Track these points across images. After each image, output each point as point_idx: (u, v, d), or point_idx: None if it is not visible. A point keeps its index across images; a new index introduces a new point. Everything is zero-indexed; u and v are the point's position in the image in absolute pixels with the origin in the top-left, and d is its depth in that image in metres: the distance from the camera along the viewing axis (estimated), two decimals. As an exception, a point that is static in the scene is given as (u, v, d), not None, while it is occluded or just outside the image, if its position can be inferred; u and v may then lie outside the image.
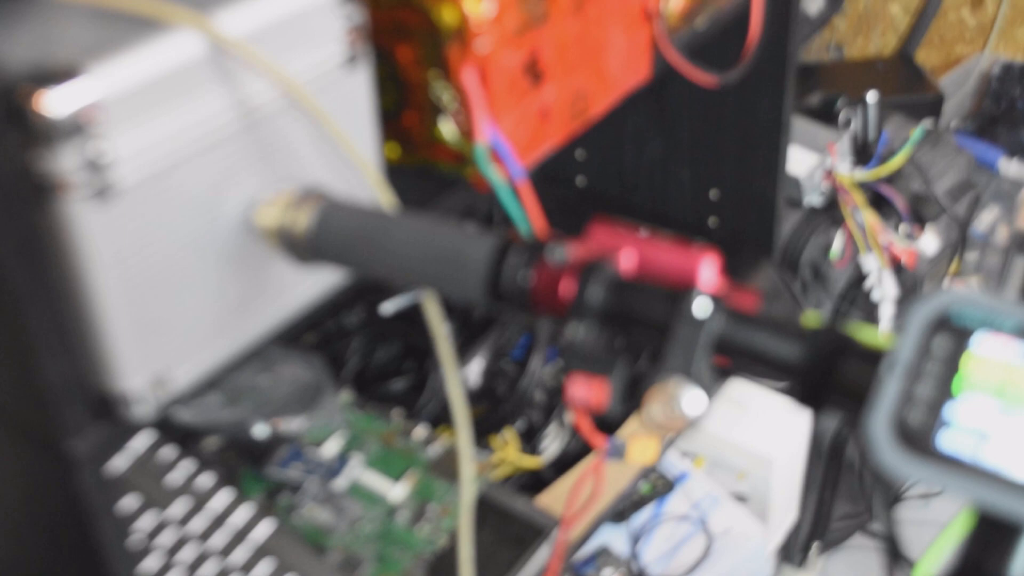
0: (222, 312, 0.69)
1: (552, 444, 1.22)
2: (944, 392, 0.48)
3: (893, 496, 2.01)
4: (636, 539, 1.38)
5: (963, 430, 0.48)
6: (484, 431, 1.16)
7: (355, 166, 0.71)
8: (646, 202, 1.51)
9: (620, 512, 1.40)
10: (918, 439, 0.48)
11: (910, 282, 1.61)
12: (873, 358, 0.52)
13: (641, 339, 0.57)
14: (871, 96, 1.66)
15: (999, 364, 0.48)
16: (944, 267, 1.78)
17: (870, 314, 1.60)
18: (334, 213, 0.65)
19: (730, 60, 1.22)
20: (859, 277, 1.58)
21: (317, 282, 0.76)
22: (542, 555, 1.03)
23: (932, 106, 2.04)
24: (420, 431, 1.07)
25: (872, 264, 1.54)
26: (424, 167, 0.89)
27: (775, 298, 1.45)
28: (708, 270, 0.61)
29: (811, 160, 1.55)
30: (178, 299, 0.66)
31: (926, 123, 1.69)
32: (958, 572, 0.51)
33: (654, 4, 1.02)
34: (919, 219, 1.60)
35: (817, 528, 1.82)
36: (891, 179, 1.61)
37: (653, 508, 1.42)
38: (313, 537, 0.99)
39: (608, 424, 1.25)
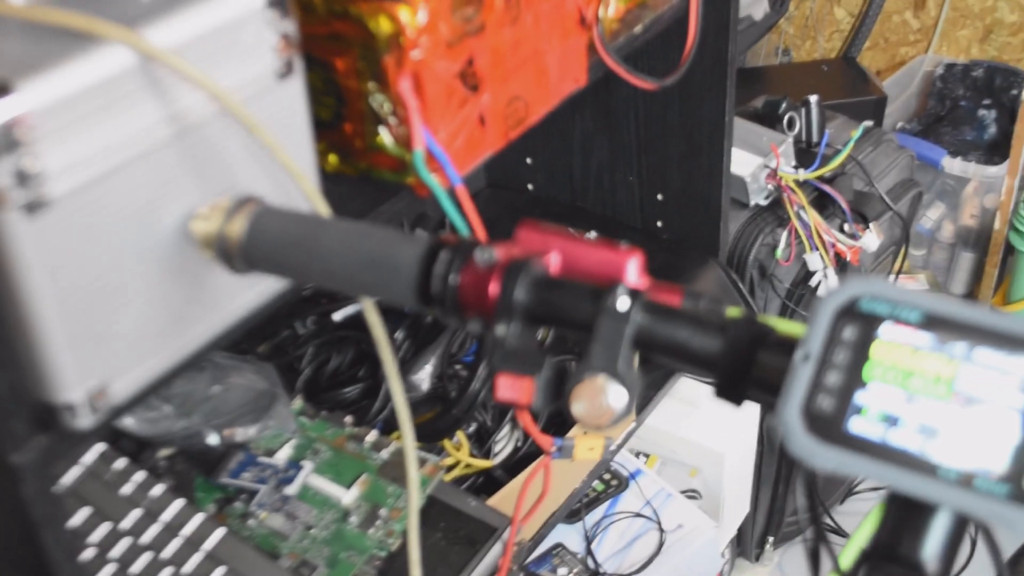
0: (162, 322, 0.69)
1: (504, 446, 1.22)
2: (854, 379, 0.49)
3: (847, 489, 2.03)
4: (590, 537, 1.39)
5: (872, 415, 0.49)
6: (436, 434, 1.17)
7: (290, 175, 0.71)
8: (595, 206, 1.52)
9: (574, 511, 1.41)
10: (830, 426, 0.49)
11: (856, 279, 1.63)
12: (788, 349, 0.53)
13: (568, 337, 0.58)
14: (813, 98, 1.68)
15: (905, 351, 0.49)
16: (889, 263, 1.80)
17: (817, 311, 1.61)
18: (266, 220, 0.65)
19: (671, 65, 1.23)
20: (805, 275, 1.59)
21: (257, 291, 0.76)
22: (494, 554, 1.03)
23: (875, 107, 2.06)
24: (371, 436, 1.07)
25: (817, 262, 1.56)
26: (366, 175, 0.90)
27: (723, 298, 1.46)
28: (632, 268, 0.62)
29: (756, 161, 1.56)
30: (117, 310, 0.66)
31: (867, 123, 1.71)
32: (874, 554, 0.52)
33: (590, 12, 1.03)
34: (862, 217, 1.62)
35: (771, 523, 1.84)
36: (834, 178, 1.63)
37: (607, 506, 1.43)
38: (266, 543, 0.99)
39: (561, 424, 1.25)
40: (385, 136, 0.86)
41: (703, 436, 1.49)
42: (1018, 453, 0.46)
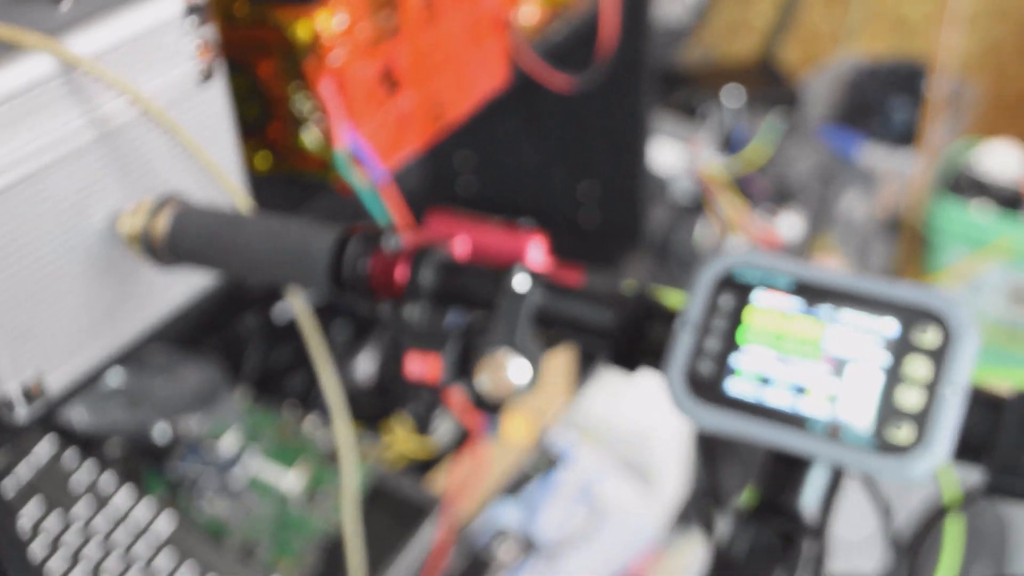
0: (94, 317, 0.69)
1: (444, 428, 1.23)
2: (730, 344, 0.51)
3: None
4: (529, 515, 1.40)
5: (747, 376, 0.50)
6: (376, 418, 1.17)
7: (211, 174, 0.71)
8: (524, 202, 1.53)
9: (512, 489, 1.42)
10: (709, 387, 0.50)
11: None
12: (673, 319, 0.54)
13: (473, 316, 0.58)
14: (731, 93, 1.70)
15: (776, 315, 0.50)
16: (807, 248, 1.83)
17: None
18: (188, 216, 0.65)
19: (590, 65, 1.24)
20: (726, 260, 1.61)
21: (189, 284, 0.76)
22: (429, 532, 1.04)
23: (791, 101, 2.09)
24: (312, 422, 1.08)
25: (737, 248, 1.58)
26: (293, 175, 0.90)
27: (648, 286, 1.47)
28: (535, 250, 0.63)
29: (677, 155, 1.58)
30: (48, 306, 0.66)
31: (782, 116, 1.74)
32: (756, 509, 0.53)
33: (509, 15, 1.04)
34: (779, 204, 1.64)
35: (711, 495, 1.85)
36: (752, 168, 1.65)
37: (543, 484, 1.44)
38: (213, 528, 0.99)
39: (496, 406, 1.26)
40: (308, 137, 0.86)
41: (637, 412, 1.50)
42: (880, 407, 0.47)
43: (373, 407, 1.16)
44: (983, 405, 0.48)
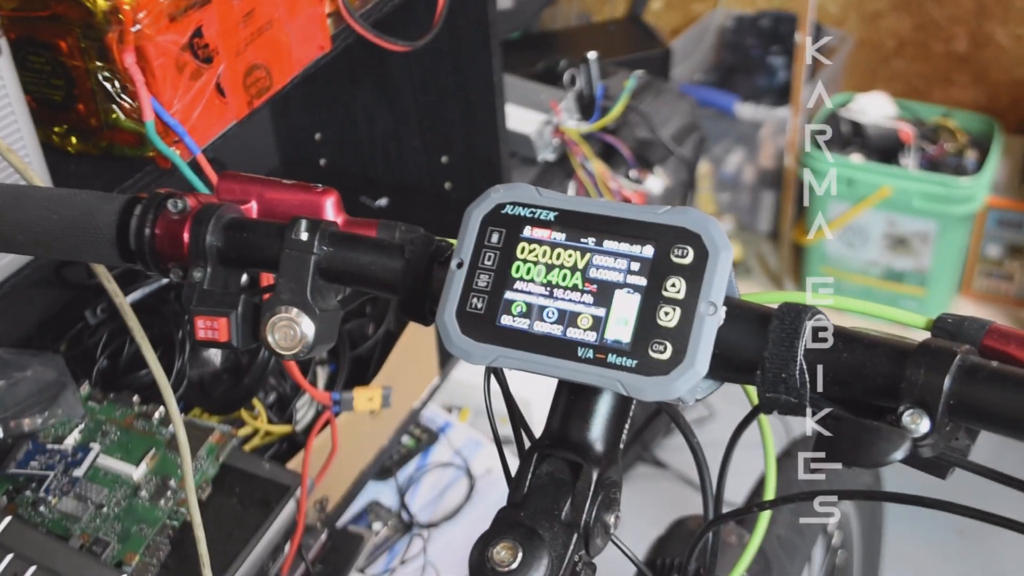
0: None
1: (306, 412, 1.23)
2: (502, 279, 0.52)
3: (668, 424, 2.09)
4: (403, 491, 1.42)
5: (520, 309, 0.52)
6: (232, 405, 1.18)
7: None
8: (385, 174, 1.54)
9: (387, 468, 1.43)
10: (483, 323, 0.52)
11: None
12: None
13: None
14: (592, 55, 1.73)
15: (545, 248, 0.52)
16: (677, 203, 1.86)
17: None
18: (-32, 195, 0.65)
19: (441, 28, 1.24)
20: (597, 223, 1.64)
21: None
22: (289, 512, 1.05)
23: (661, 61, 2.13)
24: (158, 413, 1.08)
25: (606, 209, 1.61)
26: (108, 152, 0.90)
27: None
28: (329, 206, 0.64)
29: (539, 119, 1.60)
30: None
31: (638, 73, 1.77)
32: (545, 441, 0.55)
33: (332, -21, 1.05)
34: (646, 163, 1.68)
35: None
36: (617, 129, 1.68)
37: (418, 460, 1.45)
38: (58, 527, 0.98)
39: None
40: (119, 112, 0.86)
41: (511, 384, 1.52)
42: (642, 328, 0.50)
43: (232, 391, 1.16)
44: (752, 323, 0.51)
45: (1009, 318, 2.22)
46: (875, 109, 2.26)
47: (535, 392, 1.55)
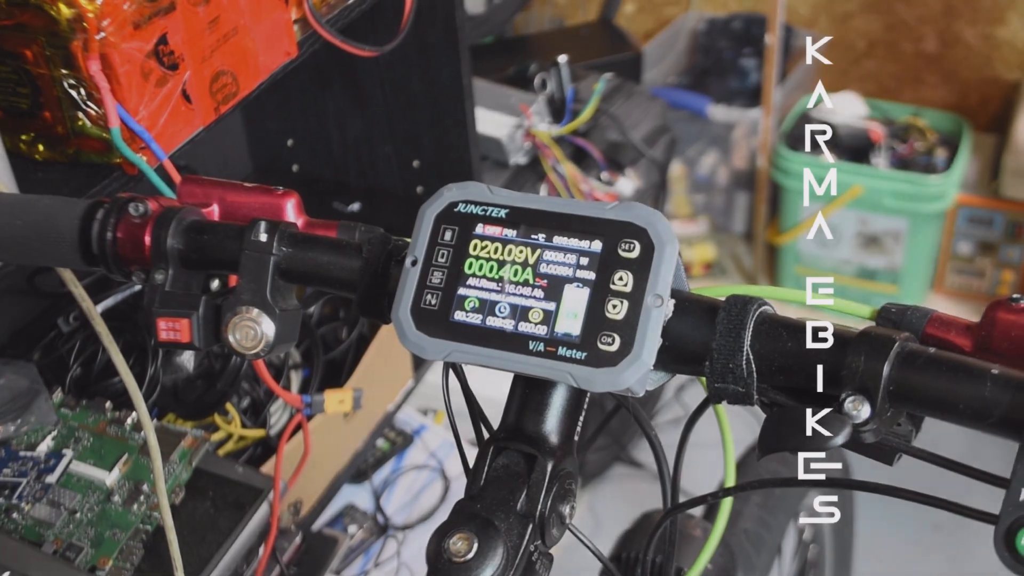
0: None
1: (280, 416, 1.24)
2: (455, 275, 0.54)
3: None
4: (379, 494, 1.43)
5: (472, 305, 0.53)
6: (205, 410, 1.18)
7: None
8: (358, 180, 1.56)
9: (362, 471, 1.44)
10: (437, 319, 0.54)
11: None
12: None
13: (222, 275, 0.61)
14: (562, 59, 1.74)
15: (496, 245, 0.54)
16: (651, 205, 1.88)
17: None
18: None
19: (410, 33, 1.25)
20: (569, 225, 1.65)
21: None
22: (262, 515, 1.06)
23: (632, 64, 2.14)
24: (131, 419, 1.08)
25: (577, 211, 1.62)
26: (75, 160, 0.91)
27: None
28: (290, 208, 0.65)
29: (510, 123, 1.62)
30: None
31: (607, 76, 1.79)
32: (501, 434, 0.57)
33: (297, -14, 1.06)
34: (617, 165, 1.69)
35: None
36: (588, 132, 1.69)
37: (393, 463, 1.46)
38: (32, 533, 0.99)
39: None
40: (85, 119, 0.87)
41: (487, 385, 1.53)
42: (591, 321, 0.51)
43: (205, 396, 1.17)
44: (700, 315, 0.52)
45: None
46: (847, 109, 2.29)
47: (503, 391, 1.56)
